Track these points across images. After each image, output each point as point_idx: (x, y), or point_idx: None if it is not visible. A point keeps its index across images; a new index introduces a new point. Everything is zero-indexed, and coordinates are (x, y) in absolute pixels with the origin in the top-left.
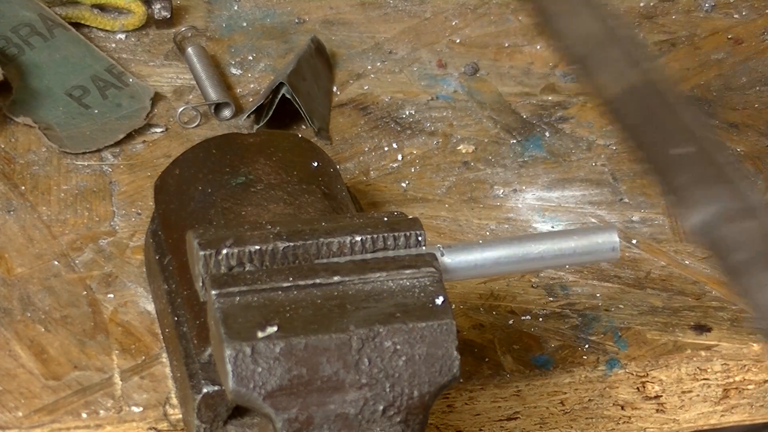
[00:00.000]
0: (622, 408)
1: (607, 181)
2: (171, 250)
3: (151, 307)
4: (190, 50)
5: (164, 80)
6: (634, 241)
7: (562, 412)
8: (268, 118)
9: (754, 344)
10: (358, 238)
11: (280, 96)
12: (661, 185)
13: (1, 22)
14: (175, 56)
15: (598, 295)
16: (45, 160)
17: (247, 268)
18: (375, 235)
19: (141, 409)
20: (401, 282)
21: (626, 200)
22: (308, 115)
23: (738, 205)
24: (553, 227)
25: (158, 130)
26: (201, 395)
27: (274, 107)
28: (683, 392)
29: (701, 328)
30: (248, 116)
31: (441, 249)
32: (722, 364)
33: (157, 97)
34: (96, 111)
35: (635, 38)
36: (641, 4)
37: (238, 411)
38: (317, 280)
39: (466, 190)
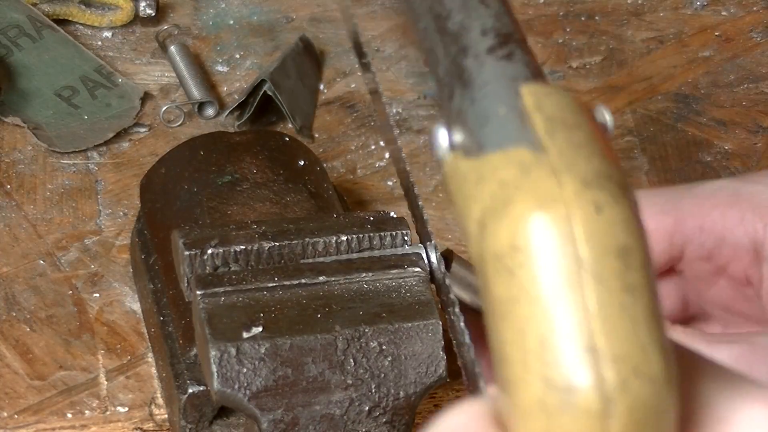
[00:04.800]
0: None
1: None
2: (157, 250)
3: (136, 306)
4: (172, 49)
5: (150, 78)
6: None
7: None
8: (249, 114)
9: None
10: (344, 238)
11: (261, 93)
12: None
13: None
14: (162, 54)
15: None
16: (31, 159)
17: (232, 268)
18: (361, 235)
19: (126, 409)
20: (387, 282)
21: None
22: (290, 112)
23: None
24: None
25: (144, 128)
26: (186, 395)
27: (255, 104)
28: None
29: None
30: (231, 113)
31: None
32: None
33: (144, 96)
34: (85, 111)
35: None
36: (629, 1)
37: (224, 411)
38: (303, 280)
39: None
